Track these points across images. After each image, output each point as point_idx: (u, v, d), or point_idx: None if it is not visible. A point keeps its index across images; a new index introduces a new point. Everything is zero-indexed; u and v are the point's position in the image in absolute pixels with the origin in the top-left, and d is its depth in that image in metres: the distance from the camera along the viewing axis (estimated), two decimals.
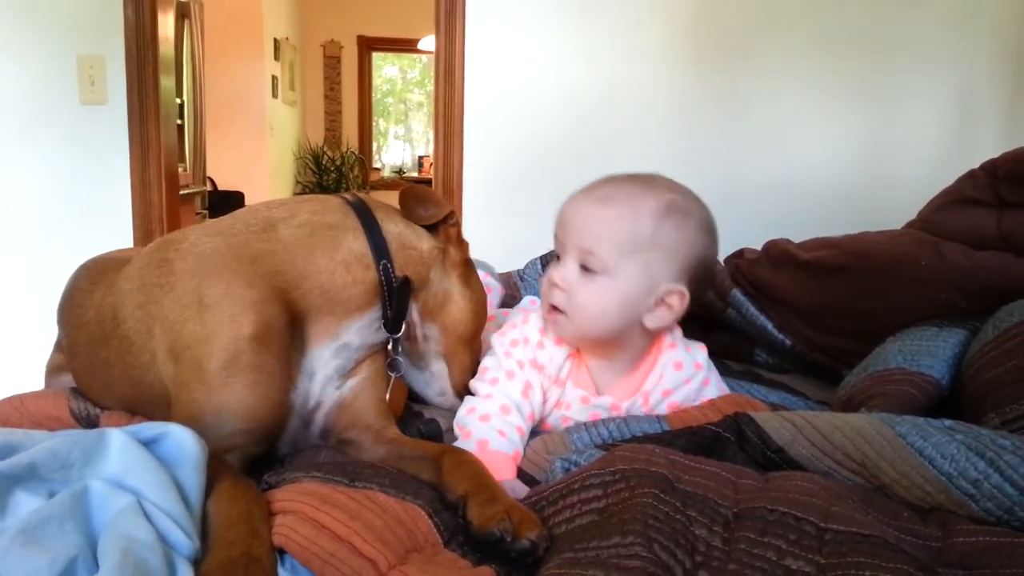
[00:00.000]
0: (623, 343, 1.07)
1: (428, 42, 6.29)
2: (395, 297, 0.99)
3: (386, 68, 9.15)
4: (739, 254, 1.55)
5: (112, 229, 2.58)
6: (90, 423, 1.03)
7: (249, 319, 0.89)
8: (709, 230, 1.05)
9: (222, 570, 0.66)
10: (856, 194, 2.67)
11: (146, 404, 0.98)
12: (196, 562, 0.67)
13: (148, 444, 0.76)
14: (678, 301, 1.03)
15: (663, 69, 2.66)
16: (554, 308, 1.04)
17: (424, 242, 1.03)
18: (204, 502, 0.76)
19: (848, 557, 0.65)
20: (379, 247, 0.98)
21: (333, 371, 0.99)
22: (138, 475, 0.71)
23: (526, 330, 1.09)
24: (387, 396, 1.03)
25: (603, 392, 1.08)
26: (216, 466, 0.80)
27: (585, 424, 1.02)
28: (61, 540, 0.63)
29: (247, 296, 0.89)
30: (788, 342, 1.38)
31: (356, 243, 0.97)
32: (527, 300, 1.36)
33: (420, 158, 7.82)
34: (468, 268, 1.13)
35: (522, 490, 0.91)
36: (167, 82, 2.76)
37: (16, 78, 2.50)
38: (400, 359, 1.05)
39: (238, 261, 0.91)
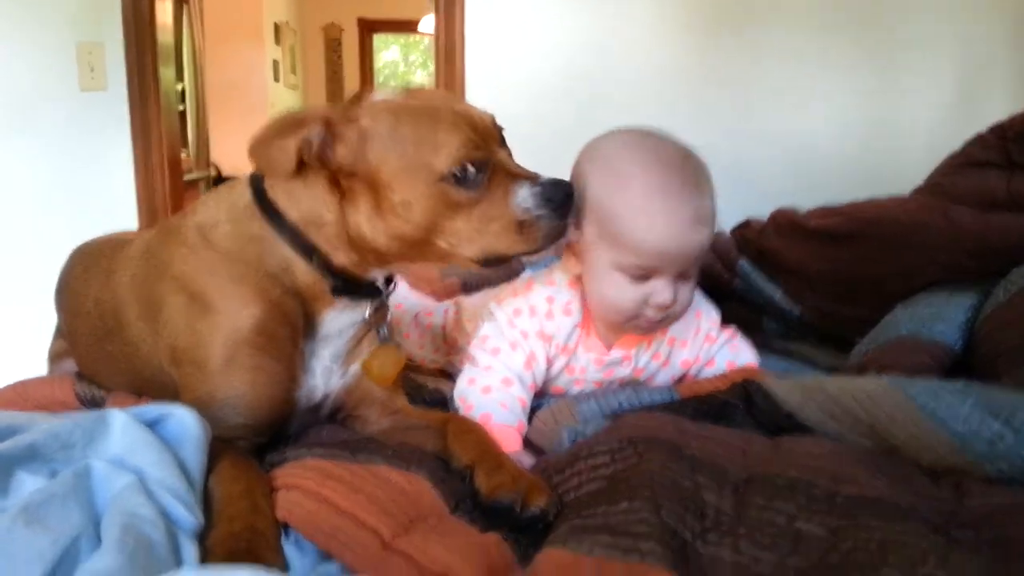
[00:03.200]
0: None
1: (428, 22, 6.23)
2: (340, 277, 0.92)
3: (387, 51, 9.09)
4: (745, 224, 1.53)
5: (116, 215, 2.57)
6: (96, 406, 1.02)
7: (247, 320, 0.88)
8: None
9: (225, 544, 0.67)
10: (862, 164, 2.62)
11: (153, 390, 0.98)
12: (200, 537, 0.67)
13: (151, 425, 0.76)
14: None
15: (666, 44, 2.62)
16: (658, 322, 1.01)
17: (324, 207, 0.90)
18: (207, 480, 0.76)
19: (859, 520, 0.64)
20: (300, 244, 0.90)
21: (330, 361, 0.97)
22: (140, 454, 0.71)
23: (532, 299, 1.07)
24: (372, 363, 0.98)
25: (612, 347, 1.07)
26: (218, 445, 0.81)
27: (594, 393, 1.01)
28: (64, 519, 0.63)
29: (245, 298, 0.89)
30: (796, 311, 1.37)
31: (281, 250, 0.90)
32: (525, 275, 1.34)
33: None
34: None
35: (528, 460, 0.90)
36: (167, 68, 2.74)
37: (16, 66, 2.49)
38: (384, 330, 1.00)
39: (231, 263, 0.90)
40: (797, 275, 1.35)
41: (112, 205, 2.61)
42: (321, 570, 0.66)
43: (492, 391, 1.00)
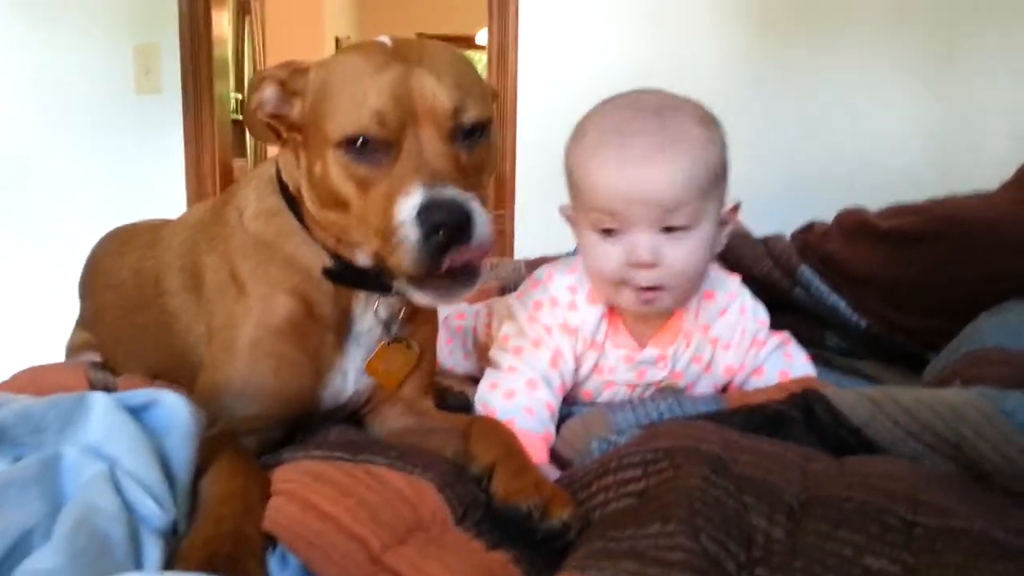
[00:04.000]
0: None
1: (484, 35, 6.24)
2: (336, 259, 0.87)
3: None
4: (808, 228, 1.40)
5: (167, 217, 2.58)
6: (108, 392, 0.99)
7: (276, 309, 0.86)
8: None
9: (208, 545, 0.60)
10: (932, 171, 2.45)
11: (176, 370, 0.95)
12: (174, 534, 0.60)
13: (137, 412, 0.69)
14: (733, 216, 0.96)
15: (728, 46, 2.50)
16: (646, 289, 0.91)
17: (295, 171, 0.87)
18: (200, 478, 0.69)
19: (942, 556, 0.53)
20: (297, 214, 0.87)
21: (362, 361, 0.90)
22: (116, 442, 0.64)
23: (552, 290, 0.97)
24: (377, 364, 0.92)
25: (646, 345, 0.97)
26: (220, 440, 0.75)
27: (630, 402, 0.91)
28: (19, 508, 0.56)
29: (273, 284, 0.87)
30: (863, 323, 1.23)
31: (290, 223, 0.88)
32: (546, 267, 1.22)
33: None
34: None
35: (554, 475, 0.80)
36: (223, 76, 2.76)
37: (72, 67, 2.53)
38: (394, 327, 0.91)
39: (258, 246, 0.89)
40: (865, 283, 1.22)
41: (162, 210, 2.61)
42: None
43: (516, 395, 0.90)
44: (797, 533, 0.56)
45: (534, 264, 1.55)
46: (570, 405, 0.98)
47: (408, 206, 0.71)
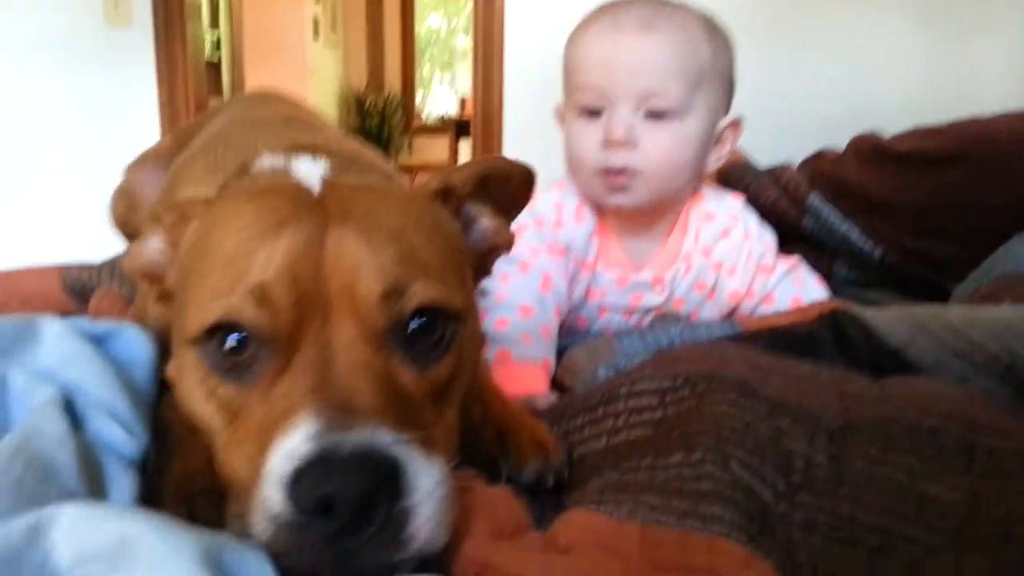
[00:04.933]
0: (679, 201, 0.94)
1: None
2: None
3: (431, 17, 8.88)
4: (817, 155, 1.32)
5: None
6: (84, 298, 0.96)
7: None
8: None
9: (180, 480, 0.54)
10: (929, 104, 2.38)
11: None
12: (145, 464, 0.54)
13: (97, 342, 0.62)
14: (733, 134, 0.94)
15: None
16: (618, 173, 0.87)
17: None
18: (158, 413, 0.62)
19: (1009, 480, 0.46)
20: None
21: None
22: (77, 368, 0.58)
23: (537, 209, 0.91)
24: None
25: (642, 268, 0.92)
26: None
27: (639, 330, 0.84)
28: None
29: None
30: (877, 251, 1.16)
31: None
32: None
33: (462, 100, 7.59)
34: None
35: (550, 402, 0.73)
36: (196, 13, 2.64)
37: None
38: None
39: None
40: (881, 210, 1.15)
41: (138, 145, 2.51)
42: None
43: (509, 324, 0.83)
44: (842, 457, 0.49)
45: None
46: (566, 335, 0.92)
47: (280, 455, 0.42)
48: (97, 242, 1.29)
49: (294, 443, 0.41)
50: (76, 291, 0.98)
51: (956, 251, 1.06)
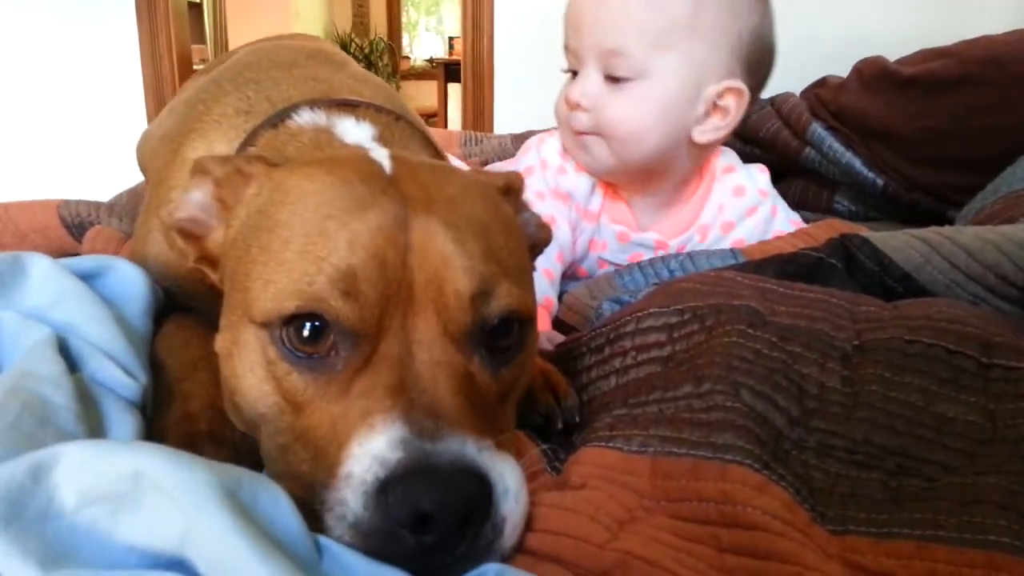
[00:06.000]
0: (665, 169, 0.89)
1: None
2: None
3: None
4: (820, 83, 1.29)
5: (124, 101, 2.40)
6: (81, 231, 0.96)
7: None
8: None
9: (181, 425, 0.53)
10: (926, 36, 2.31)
11: None
12: (144, 405, 0.53)
13: (87, 279, 0.60)
14: (735, 102, 0.85)
15: None
16: (581, 134, 0.86)
17: None
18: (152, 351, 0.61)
19: None
20: None
21: None
22: (70, 307, 0.56)
23: (544, 152, 0.90)
24: None
25: (648, 229, 0.90)
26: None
27: (639, 264, 0.82)
28: None
29: None
30: (880, 181, 1.14)
31: None
32: (535, 137, 1.14)
33: (451, 39, 7.41)
34: None
35: (559, 339, 0.72)
36: None
37: None
38: None
39: None
40: (885, 137, 1.12)
41: (120, 89, 2.44)
42: None
43: None
44: (856, 380, 0.48)
45: (521, 137, 1.44)
46: (566, 283, 0.91)
47: (365, 459, 0.39)
48: (69, 182, 1.26)
49: (379, 448, 0.39)
50: (75, 226, 0.97)
51: (964, 180, 1.04)
